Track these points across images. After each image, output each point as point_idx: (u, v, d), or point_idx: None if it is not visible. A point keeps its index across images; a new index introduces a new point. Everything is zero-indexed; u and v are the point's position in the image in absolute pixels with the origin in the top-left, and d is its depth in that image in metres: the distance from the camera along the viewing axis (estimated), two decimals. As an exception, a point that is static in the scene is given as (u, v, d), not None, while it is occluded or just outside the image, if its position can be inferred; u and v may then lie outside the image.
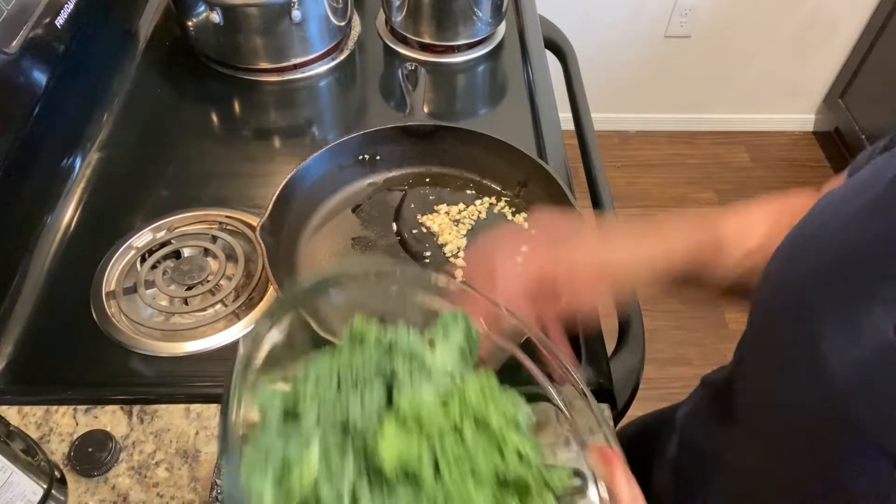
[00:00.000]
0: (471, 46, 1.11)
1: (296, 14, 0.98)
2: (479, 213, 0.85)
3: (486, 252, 0.54)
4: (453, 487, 0.34)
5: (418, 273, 0.53)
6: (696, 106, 2.41)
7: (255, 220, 0.82)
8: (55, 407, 0.68)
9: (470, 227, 0.83)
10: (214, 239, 0.82)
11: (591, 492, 0.39)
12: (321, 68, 1.08)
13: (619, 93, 2.32)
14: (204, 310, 0.76)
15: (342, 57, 1.10)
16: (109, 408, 0.68)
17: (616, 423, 0.68)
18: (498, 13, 1.10)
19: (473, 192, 0.87)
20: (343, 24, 1.08)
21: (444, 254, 0.80)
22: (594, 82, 1.31)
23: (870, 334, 0.35)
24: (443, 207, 0.85)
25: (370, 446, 0.35)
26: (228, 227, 0.84)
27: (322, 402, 0.37)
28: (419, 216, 0.84)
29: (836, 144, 2.41)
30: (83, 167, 0.92)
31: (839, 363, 0.36)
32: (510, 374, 0.42)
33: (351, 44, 1.13)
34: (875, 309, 0.35)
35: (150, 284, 0.78)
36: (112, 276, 0.79)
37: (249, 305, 0.76)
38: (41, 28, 0.86)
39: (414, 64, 0.99)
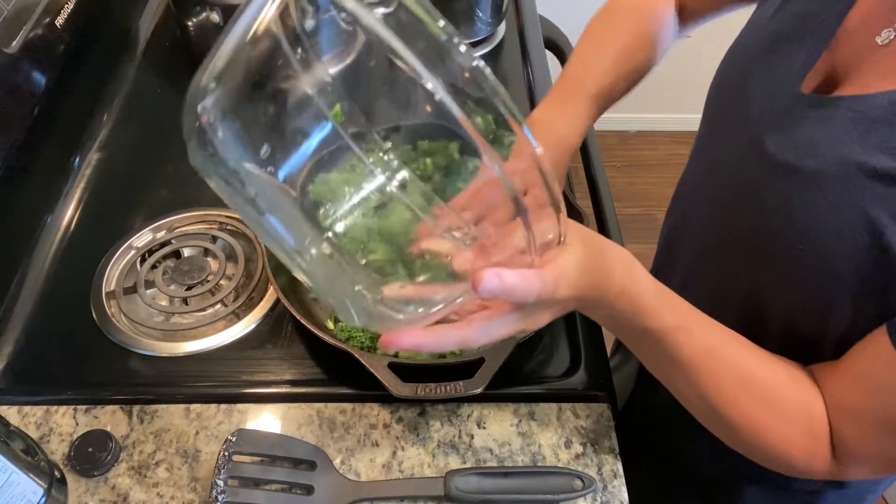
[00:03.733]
0: (471, 46, 1.11)
1: (296, 14, 0.98)
2: None
3: None
4: None
5: None
6: (696, 106, 2.39)
7: (255, 220, 0.82)
8: (55, 407, 0.68)
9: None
10: (214, 239, 0.82)
11: None
12: (321, 68, 1.08)
13: (619, 93, 2.32)
14: (204, 310, 0.76)
15: (342, 57, 1.10)
16: (109, 408, 0.68)
17: (616, 424, 0.68)
18: (498, 13, 1.10)
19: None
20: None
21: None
22: (594, 82, 1.30)
23: (782, 81, 0.55)
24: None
25: None
26: (228, 227, 0.84)
27: None
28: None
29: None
30: (83, 167, 0.92)
31: (756, 101, 0.57)
32: None
33: (351, 44, 1.12)
34: (784, 62, 0.55)
35: (150, 284, 0.78)
36: (112, 276, 0.79)
37: (249, 305, 0.76)
38: (41, 28, 0.86)
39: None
